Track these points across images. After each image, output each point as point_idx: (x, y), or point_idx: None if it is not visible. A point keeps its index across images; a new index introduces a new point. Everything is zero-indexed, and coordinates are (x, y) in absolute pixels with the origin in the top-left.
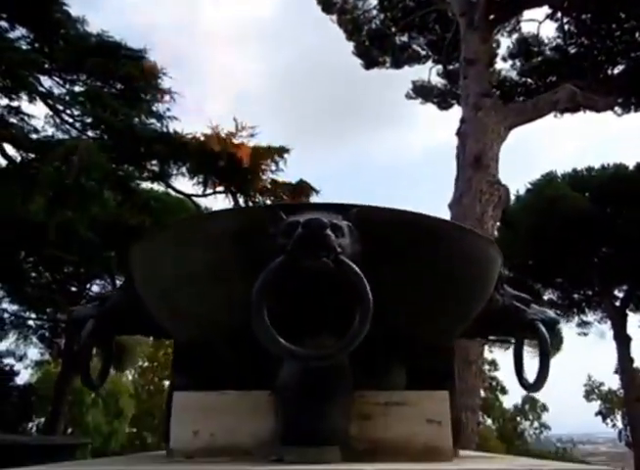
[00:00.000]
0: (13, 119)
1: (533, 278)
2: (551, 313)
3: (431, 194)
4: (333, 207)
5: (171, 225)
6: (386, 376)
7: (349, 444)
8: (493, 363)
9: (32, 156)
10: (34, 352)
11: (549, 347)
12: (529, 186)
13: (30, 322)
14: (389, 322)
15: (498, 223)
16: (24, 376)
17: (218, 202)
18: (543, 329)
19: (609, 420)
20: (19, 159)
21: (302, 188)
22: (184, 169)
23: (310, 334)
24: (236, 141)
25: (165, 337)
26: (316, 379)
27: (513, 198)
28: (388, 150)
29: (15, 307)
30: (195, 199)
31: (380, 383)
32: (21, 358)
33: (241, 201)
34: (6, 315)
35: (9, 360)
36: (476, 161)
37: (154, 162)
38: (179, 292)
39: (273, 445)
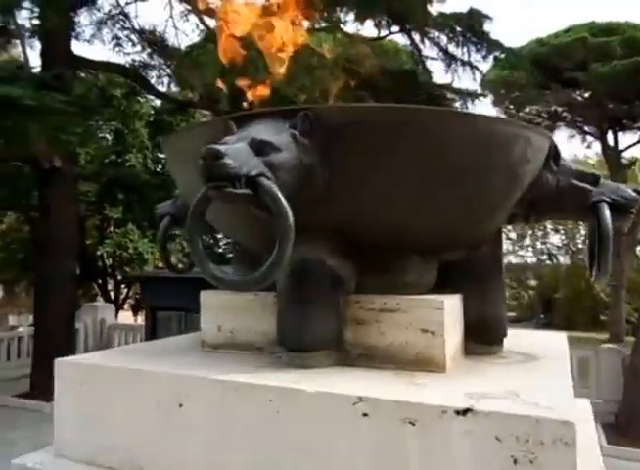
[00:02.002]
0: None
1: None
2: (628, 192)
3: None
4: (281, 113)
5: (170, 135)
6: (403, 276)
7: (344, 348)
8: None
9: None
10: None
11: (609, 235)
12: None
13: None
14: (388, 221)
15: None
16: None
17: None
18: (606, 213)
19: None
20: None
21: (474, 16)
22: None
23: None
24: None
25: None
26: (302, 286)
27: None
28: None
29: None
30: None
31: (398, 283)
32: None
33: (417, 38)
34: None
35: None
36: None
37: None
38: (190, 198)
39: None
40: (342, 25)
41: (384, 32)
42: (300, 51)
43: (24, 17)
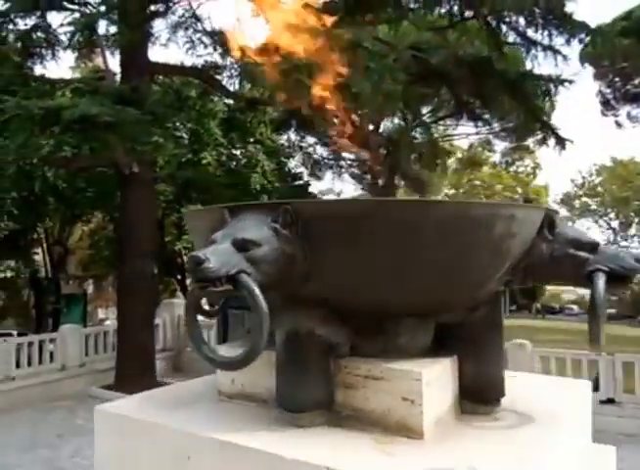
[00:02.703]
0: None
1: None
2: (626, 261)
3: None
4: (267, 207)
5: (187, 213)
6: (395, 339)
7: (335, 409)
8: None
9: None
10: (350, 188)
11: (601, 306)
12: None
13: (342, 162)
14: (370, 295)
15: None
16: None
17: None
18: (599, 283)
19: None
20: None
21: None
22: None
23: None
24: None
25: None
26: (294, 352)
27: None
28: None
29: (324, 151)
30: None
31: (390, 347)
32: (339, 195)
33: (494, 24)
34: (319, 158)
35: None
36: None
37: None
38: None
39: None
40: (411, 14)
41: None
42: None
43: (105, 28)
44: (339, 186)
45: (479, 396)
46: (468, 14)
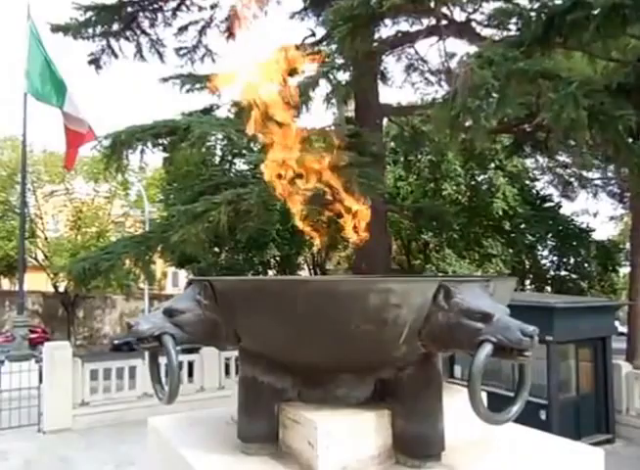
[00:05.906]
0: None
1: None
2: (514, 333)
3: None
4: (197, 282)
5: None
6: (333, 390)
7: (277, 443)
8: None
9: None
10: (607, 208)
11: (475, 376)
12: None
13: (597, 181)
14: (286, 352)
15: None
16: (601, 232)
17: None
18: (481, 354)
19: None
20: None
21: None
22: None
23: None
24: None
25: None
26: (244, 395)
27: None
28: None
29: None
30: None
31: (329, 397)
32: (595, 215)
33: None
34: (572, 177)
35: (584, 218)
36: None
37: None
38: None
39: None
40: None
41: None
42: None
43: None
44: (594, 206)
45: (407, 450)
46: None
